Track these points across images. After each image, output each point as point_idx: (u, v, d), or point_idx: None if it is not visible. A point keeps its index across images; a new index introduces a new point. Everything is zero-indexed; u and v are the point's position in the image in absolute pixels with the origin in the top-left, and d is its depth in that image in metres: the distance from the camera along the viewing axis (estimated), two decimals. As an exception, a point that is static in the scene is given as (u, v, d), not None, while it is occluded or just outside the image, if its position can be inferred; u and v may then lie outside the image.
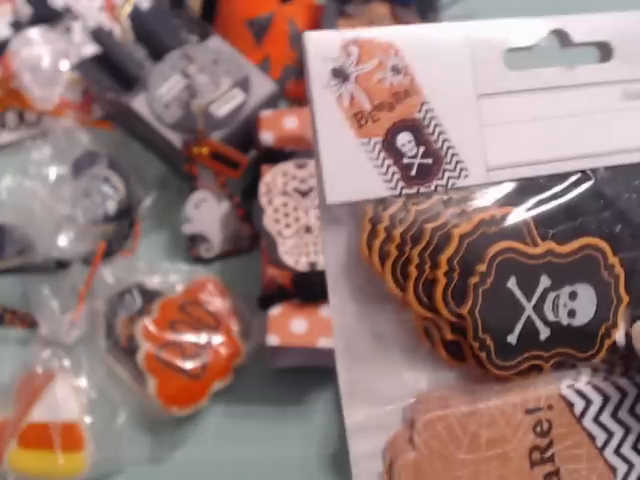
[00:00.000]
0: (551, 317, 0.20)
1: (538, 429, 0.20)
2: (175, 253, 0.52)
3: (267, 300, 0.45)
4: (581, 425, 0.20)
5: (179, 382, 0.44)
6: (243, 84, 0.51)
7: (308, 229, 0.44)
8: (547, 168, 0.20)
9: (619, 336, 0.21)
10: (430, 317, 0.19)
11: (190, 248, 0.52)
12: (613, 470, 0.21)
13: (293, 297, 0.44)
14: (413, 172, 0.19)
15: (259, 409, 0.47)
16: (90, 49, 0.58)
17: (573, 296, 0.20)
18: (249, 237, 0.52)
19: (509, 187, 0.20)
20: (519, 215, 0.19)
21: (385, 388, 0.20)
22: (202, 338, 0.45)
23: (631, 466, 0.21)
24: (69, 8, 0.61)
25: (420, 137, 0.19)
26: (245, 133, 0.51)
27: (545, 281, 0.20)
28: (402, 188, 0.19)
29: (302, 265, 0.44)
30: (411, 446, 0.19)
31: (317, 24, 0.57)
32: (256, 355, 0.47)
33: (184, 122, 0.50)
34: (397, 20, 0.55)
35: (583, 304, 0.20)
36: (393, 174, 0.19)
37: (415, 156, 0.19)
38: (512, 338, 0.19)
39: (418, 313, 0.19)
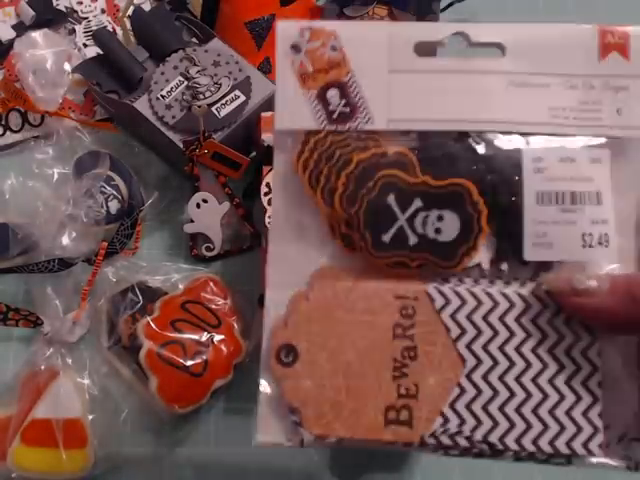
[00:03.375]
0: (420, 230, 0.26)
1: (404, 312, 0.26)
2: (177, 252, 0.53)
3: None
4: (440, 317, 0.26)
5: (181, 380, 0.44)
6: (244, 85, 0.51)
7: (308, 229, 0.45)
8: (436, 126, 0.27)
9: (485, 261, 0.27)
10: (331, 213, 0.26)
11: (191, 247, 0.52)
12: (463, 361, 0.26)
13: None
14: (335, 116, 0.27)
15: (260, 406, 0.48)
16: (92, 51, 0.59)
17: (440, 218, 0.26)
18: (250, 236, 0.53)
19: (404, 135, 0.27)
20: (407, 154, 0.26)
21: (299, 261, 0.27)
22: (203, 336, 0.45)
23: (479, 362, 0.26)
24: (72, 10, 0.61)
25: (343, 93, 0.27)
26: (246, 134, 0.52)
27: (418, 202, 0.26)
28: (325, 125, 0.27)
29: (302, 264, 0.44)
30: (306, 300, 0.26)
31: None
32: (257, 353, 0.47)
33: (185, 123, 0.50)
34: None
35: (448, 226, 0.26)
36: (321, 115, 0.27)
37: (338, 105, 0.27)
38: (386, 237, 0.26)
39: (322, 209, 0.27)
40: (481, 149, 0.26)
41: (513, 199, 0.26)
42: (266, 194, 0.46)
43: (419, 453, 0.47)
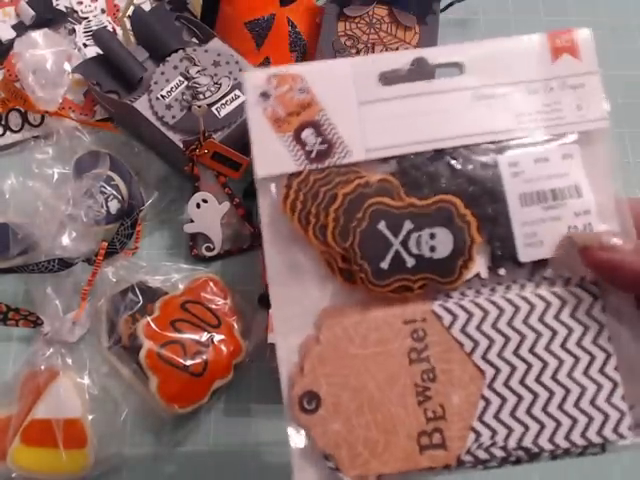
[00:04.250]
0: (415, 251, 0.26)
1: (415, 335, 0.26)
2: (177, 252, 0.53)
3: (268, 299, 0.45)
4: (450, 334, 0.26)
5: (180, 380, 0.44)
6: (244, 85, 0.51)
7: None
8: (412, 148, 0.27)
9: (483, 270, 0.27)
10: (326, 250, 0.27)
11: (192, 247, 0.52)
12: (482, 372, 0.26)
13: (293, 296, 0.44)
14: (313, 155, 0.27)
15: (259, 406, 0.48)
16: (92, 51, 0.59)
17: (433, 236, 0.26)
18: (250, 236, 0.53)
19: (384, 162, 0.27)
20: (390, 180, 0.27)
21: (302, 303, 0.27)
22: (203, 336, 0.45)
23: (498, 370, 0.26)
24: (72, 10, 0.61)
25: (318, 132, 0.27)
26: (246, 134, 0.51)
27: (408, 225, 0.26)
28: (306, 165, 0.27)
29: (302, 264, 0.44)
30: (317, 342, 0.26)
31: (317, 26, 0.57)
32: (257, 353, 0.47)
33: (186, 123, 0.50)
34: (396, 23, 0.56)
35: (442, 242, 0.26)
36: (300, 156, 0.27)
37: (314, 144, 0.27)
38: (384, 264, 0.26)
39: (317, 248, 0.27)
40: (458, 163, 0.27)
41: (498, 205, 0.27)
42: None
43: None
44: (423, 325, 0.26)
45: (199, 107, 0.50)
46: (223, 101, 0.51)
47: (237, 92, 0.51)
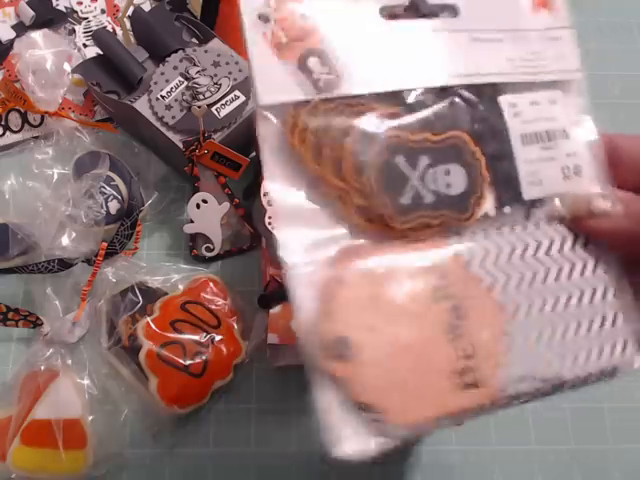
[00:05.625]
0: (432, 187, 0.26)
1: (439, 275, 0.26)
2: (177, 253, 0.53)
3: (268, 299, 0.46)
4: (470, 271, 0.26)
5: (180, 380, 0.44)
6: (244, 85, 0.51)
7: (308, 229, 0.45)
8: (417, 83, 0.27)
9: (490, 209, 0.27)
10: (342, 186, 0.26)
11: (191, 248, 0.52)
12: (501, 307, 0.26)
13: (293, 296, 0.44)
14: (321, 84, 0.26)
15: (259, 407, 0.48)
16: (92, 51, 0.59)
17: (447, 172, 0.27)
18: (250, 237, 0.53)
19: (391, 97, 0.27)
20: (400, 114, 0.26)
21: (315, 240, 0.25)
22: (203, 337, 0.45)
23: (517, 305, 0.26)
24: (72, 10, 0.61)
25: (324, 60, 0.26)
26: (246, 134, 0.52)
27: (425, 160, 0.26)
28: (314, 94, 0.26)
29: (302, 264, 0.44)
30: (341, 286, 0.25)
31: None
32: (257, 353, 0.47)
33: (185, 123, 0.50)
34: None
35: (456, 179, 0.27)
36: (307, 85, 0.26)
37: (322, 73, 0.26)
38: (404, 200, 0.26)
39: (333, 184, 0.26)
40: (463, 102, 0.27)
41: (502, 144, 0.28)
42: (266, 194, 0.46)
43: (418, 448, 0.47)
44: (444, 265, 0.26)
45: (199, 107, 0.50)
46: (223, 101, 0.51)
47: (237, 92, 0.51)
